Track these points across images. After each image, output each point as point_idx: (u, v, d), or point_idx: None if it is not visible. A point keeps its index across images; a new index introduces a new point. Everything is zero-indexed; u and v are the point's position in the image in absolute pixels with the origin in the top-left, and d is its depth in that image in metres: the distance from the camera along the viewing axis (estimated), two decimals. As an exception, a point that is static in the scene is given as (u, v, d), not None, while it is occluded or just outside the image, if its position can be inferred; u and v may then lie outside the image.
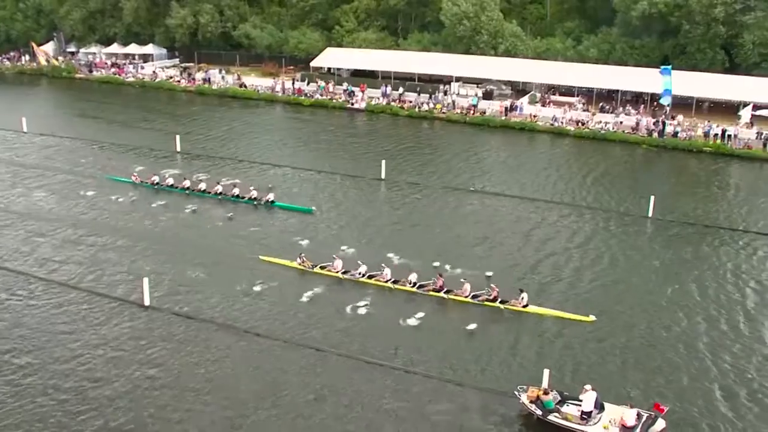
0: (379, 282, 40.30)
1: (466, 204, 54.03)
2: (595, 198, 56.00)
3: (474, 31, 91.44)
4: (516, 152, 70.64)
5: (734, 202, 57.13)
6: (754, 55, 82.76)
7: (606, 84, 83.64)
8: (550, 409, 28.66)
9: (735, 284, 41.72)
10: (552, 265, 43.53)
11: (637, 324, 36.57)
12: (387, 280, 40.29)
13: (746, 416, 29.51)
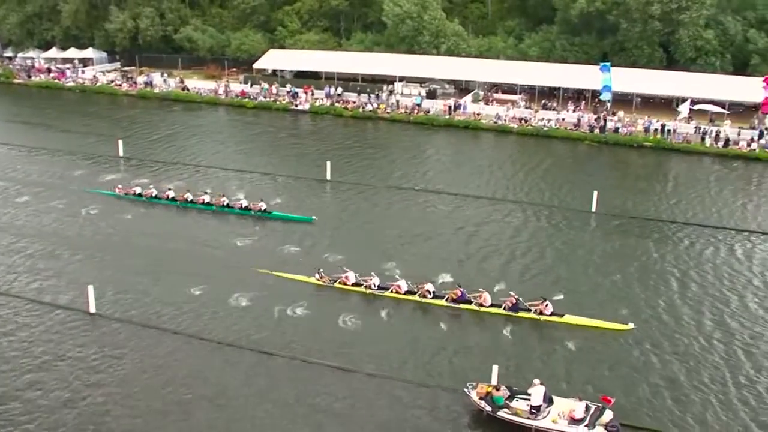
0: (396, 294, 39.05)
1: (411, 203, 54.11)
2: (540, 194, 56.61)
3: (416, 31, 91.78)
4: (460, 151, 71.09)
5: (674, 195, 58.12)
6: (690, 51, 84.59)
7: (547, 81, 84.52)
8: (500, 405, 28.87)
9: (674, 275, 42.70)
10: (497, 261, 44.04)
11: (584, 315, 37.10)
12: (404, 292, 39.05)
13: (668, 400, 30.53)
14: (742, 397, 30.91)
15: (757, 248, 47.33)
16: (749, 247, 47.38)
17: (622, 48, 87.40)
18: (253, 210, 50.54)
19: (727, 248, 47.03)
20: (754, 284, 41.82)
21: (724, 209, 54.62)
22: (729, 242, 48.11)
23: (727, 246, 47.43)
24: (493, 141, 73.77)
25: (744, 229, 50.54)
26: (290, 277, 41.05)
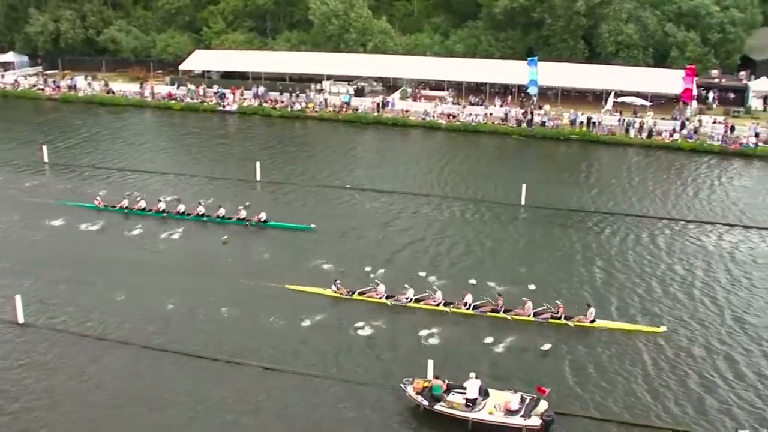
0: (430, 305, 38.21)
1: (342, 201, 54.26)
2: (469, 189, 57.20)
3: (343, 29, 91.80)
4: (390, 148, 71.47)
5: (601, 186, 59.30)
6: (612, 45, 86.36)
7: (474, 77, 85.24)
8: (437, 396, 29.12)
9: (598, 263, 43.93)
10: (426, 255, 44.64)
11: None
12: (438, 303, 38.21)
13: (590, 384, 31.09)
14: (662, 381, 31.93)
15: (678, 235, 48.74)
16: (670, 234, 48.83)
17: (547, 43, 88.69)
18: (253, 221, 49.02)
19: (650, 236, 48.37)
20: (674, 270, 43.15)
21: (647, 199, 56.15)
22: (652, 230, 49.46)
23: (650, 234, 48.78)
24: (422, 137, 74.23)
25: (667, 217, 52.07)
26: (304, 289, 40.08)
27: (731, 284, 41.50)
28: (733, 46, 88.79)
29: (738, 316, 37.71)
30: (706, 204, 55.26)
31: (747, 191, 58.68)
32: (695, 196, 57.29)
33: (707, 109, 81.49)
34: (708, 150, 69.00)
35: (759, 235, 49.17)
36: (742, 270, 43.37)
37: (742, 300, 39.62)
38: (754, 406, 30.14)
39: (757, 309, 38.63)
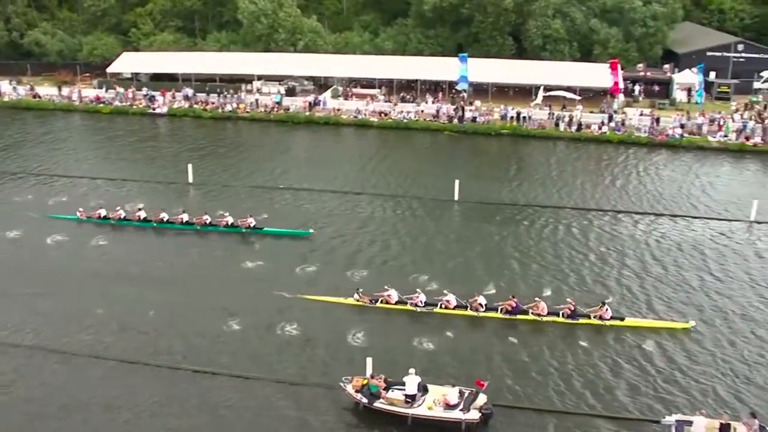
0: (446, 310, 37.74)
1: (275, 201, 53.99)
2: (403, 186, 57.52)
3: (272, 29, 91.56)
4: (322, 147, 71.39)
5: (532, 179, 60.23)
6: (539, 40, 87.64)
7: (405, 74, 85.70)
8: (375, 393, 29.28)
9: (528, 255, 44.81)
10: (363, 253, 44.72)
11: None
12: (454, 307, 37.77)
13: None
14: (591, 368, 32.55)
15: (608, 225, 49.90)
16: (600, 225, 50.08)
17: (476, 39, 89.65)
18: (242, 227, 47.85)
19: (582, 227, 49.39)
20: (606, 259, 44.16)
21: (577, 191, 57.36)
22: (583, 221, 50.63)
23: (582, 225, 49.83)
24: (354, 135, 74.43)
25: (596, 209, 53.30)
26: (322, 299, 39.12)
27: (662, 269, 42.82)
28: (655, 40, 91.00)
29: (664, 300, 39.14)
30: (634, 194, 56.62)
31: (673, 181, 60.29)
32: (624, 187, 58.55)
33: (634, 101, 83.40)
34: (635, 141, 70.71)
35: (685, 222, 50.82)
36: (671, 257, 44.69)
37: (667, 285, 40.96)
38: (675, 393, 31.09)
39: (674, 288, 40.47)
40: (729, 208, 53.75)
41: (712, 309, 38.10)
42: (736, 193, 57.04)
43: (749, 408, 29.11)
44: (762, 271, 43.07)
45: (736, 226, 50.41)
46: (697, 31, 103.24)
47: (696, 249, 46.02)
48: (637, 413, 29.62)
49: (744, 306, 38.59)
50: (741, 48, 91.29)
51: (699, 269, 43.17)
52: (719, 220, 51.33)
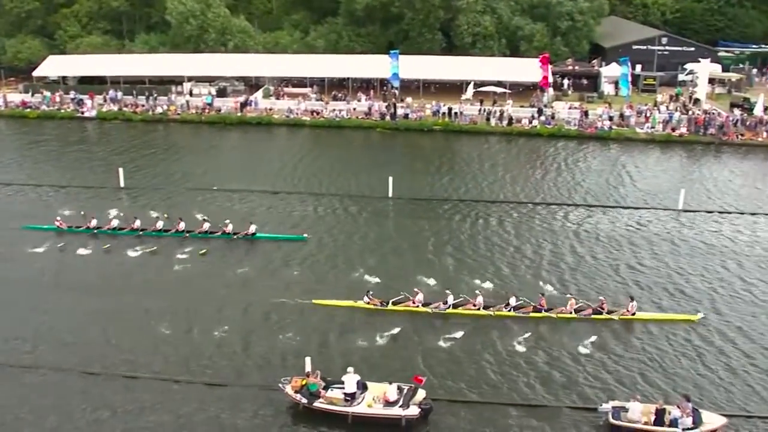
0: (471, 311, 37.35)
1: (210, 203, 53.35)
2: (337, 184, 57.55)
3: (202, 29, 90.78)
4: (255, 147, 71.15)
5: (465, 174, 60.84)
6: (469, 36, 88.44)
7: (337, 73, 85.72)
8: (314, 393, 29.24)
9: (462, 249, 45.23)
10: (298, 253, 44.47)
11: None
12: (481, 307, 37.45)
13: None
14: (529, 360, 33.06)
15: (540, 218, 50.78)
16: (532, 217, 50.91)
17: (407, 36, 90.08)
18: (239, 234, 46.67)
19: (514, 220, 50.23)
20: (539, 251, 44.78)
21: (510, 184, 58.28)
22: (514, 214, 51.44)
23: (514, 218, 50.65)
24: (287, 135, 74.25)
25: (529, 201, 54.15)
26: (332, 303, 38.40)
27: (592, 259, 43.70)
28: (582, 34, 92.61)
29: (581, 288, 40.11)
30: (565, 187, 57.72)
31: (603, 173, 61.65)
32: (556, 180, 59.59)
33: (563, 95, 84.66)
34: (566, 135, 72.04)
35: (616, 212, 51.99)
36: (601, 246, 45.74)
37: (585, 273, 42.12)
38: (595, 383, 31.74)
39: (590, 275, 41.66)
40: (657, 197, 55.15)
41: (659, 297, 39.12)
42: (663, 183, 58.66)
43: (684, 392, 29.81)
44: (689, 258, 44.28)
45: (665, 214, 51.65)
46: (623, 25, 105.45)
47: (626, 239, 47.08)
48: (575, 401, 30.17)
49: (673, 293, 39.62)
50: (665, 41, 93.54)
51: (629, 258, 44.21)
52: (648, 209, 52.57)
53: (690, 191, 55.10)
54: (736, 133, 71.88)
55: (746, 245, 46.31)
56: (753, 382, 31.49)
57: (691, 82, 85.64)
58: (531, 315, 37.09)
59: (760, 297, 39.27)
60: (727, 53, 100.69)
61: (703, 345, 34.41)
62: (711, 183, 59.41)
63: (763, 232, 48.84)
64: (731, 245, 46.26)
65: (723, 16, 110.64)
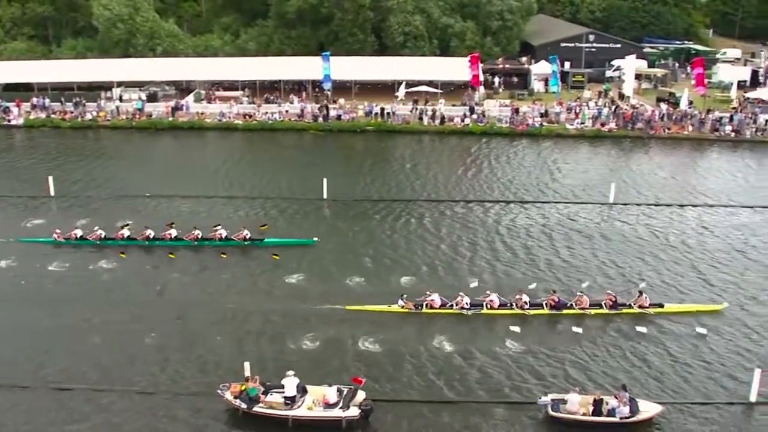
0: (491, 310, 37.53)
1: (144, 210, 52.54)
2: (271, 187, 57.25)
3: (130, 34, 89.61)
4: (188, 152, 70.37)
5: (399, 174, 61.19)
6: (400, 36, 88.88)
7: (268, 75, 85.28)
8: (253, 398, 29.13)
9: (398, 247, 45.62)
10: (230, 257, 44.28)
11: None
12: (499, 305, 37.68)
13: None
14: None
15: (473, 214, 51.50)
16: (465, 214, 51.49)
17: (337, 37, 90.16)
18: (237, 239, 45.86)
19: (449, 218, 50.77)
20: (476, 248, 45.26)
21: (444, 183, 58.82)
22: (448, 212, 52.03)
23: (449, 216, 51.19)
24: (220, 139, 73.56)
25: (463, 199, 54.65)
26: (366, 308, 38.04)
27: (526, 253, 44.33)
28: (511, 33, 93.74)
29: (512, 282, 40.69)
30: (499, 184, 58.56)
31: (535, 169, 62.65)
32: (490, 177, 60.49)
33: (494, 93, 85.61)
34: (498, 132, 73.00)
35: (549, 207, 52.99)
36: (535, 240, 46.44)
37: (518, 267, 42.98)
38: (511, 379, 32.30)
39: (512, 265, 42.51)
40: (589, 191, 56.28)
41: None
42: (594, 178, 59.91)
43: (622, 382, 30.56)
44: (623, 248, 45.60)
45: (597, 208, 52.79)
46: (551, 23, 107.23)
47: (558, 232, 48.07)
48: (516, 396, 30.60)
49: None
50: (592, 38, 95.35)
51: (563, 249, 45.30)
52: (580, 204, 53.61)
53: (620, 184, 56.24)
54: (662, 126, 73.61)
55: (673, 236, 47.80)
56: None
57: (619, 78, 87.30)
58: (546, 312, 37.61)
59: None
60: (652, 49, 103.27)
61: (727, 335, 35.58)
62: (640, 176, 60.85)
63: (691, 222, 50.51)
64: (661, 236, 47.68)
65: (647, 13, 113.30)
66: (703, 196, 56.27)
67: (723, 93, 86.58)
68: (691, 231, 48.67)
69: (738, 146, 71.24)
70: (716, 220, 50.85)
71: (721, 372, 32.36)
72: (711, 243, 46.71)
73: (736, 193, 57.27)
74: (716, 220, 51.02)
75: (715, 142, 72.04)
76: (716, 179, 61.01)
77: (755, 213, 52.77)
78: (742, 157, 68.14)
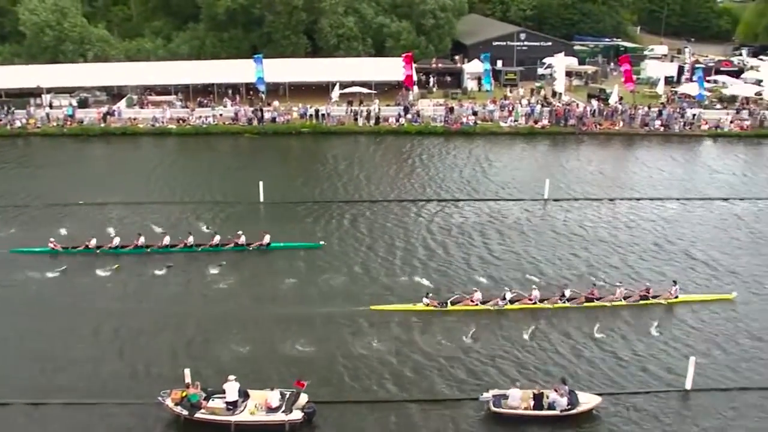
0: (527, 305, 38.43)
1: (77, 217, 51.49)
2: (207, 192, 56.73)
3: (59, 40, 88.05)
4: (121, 158, 69.20)
5: (335, 175, 61.26)
6: (333, 38, 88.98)
7: (201, 79, 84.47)
8: (195, 404, 28.96)
9: (331, 248, 45.64)
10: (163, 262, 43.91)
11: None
12: (538, 300, 38.69)
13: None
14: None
15: (407, 214, 52.01)
16: (402, 214, 51.94)
17: (270, 40, 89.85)
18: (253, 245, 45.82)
19: (384, 218, 51.21)
20: (409, 247, 45.73)
21: (381, 183, 59.08)
22: (384, 212, 52.41)
23: (386, 216, 51.59)
24: (153, 144, 72.66)
25: (399, 199, 55.06)
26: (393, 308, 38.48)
27: (462, 252, 44.79)
28: (444, 32, 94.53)
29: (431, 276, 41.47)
30: (436, 183, 59.11)
31: (470, 167, 63.38)
32: (426, 176, 61.07)
33: (428, 93, 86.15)
34: (432, 131, 73.62)
35: (484, 204, 53.62)
36: (477, 239, 47.03)
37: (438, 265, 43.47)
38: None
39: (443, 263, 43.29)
40: (524, 188, 57.24)
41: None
42: (529, 174, 60.65)
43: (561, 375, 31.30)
44: (555, 243, 46.75)
45: (532, 204, 53.69)
46: (483, 23, 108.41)
47: (492, 229, 48.91)
48: (457, 394, 31.00)
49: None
50: (523, 37, 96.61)
51: (496, 246, 46.09)
52: (516, 201, 54.51)
53: (554, 181, 57.15)
54: (594, 122, 74.95)
55: (603, 229, 49.23)
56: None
57: (550, 76, 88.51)
58: (584, 305, 38.52)
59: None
60: (582, 47, 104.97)
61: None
62: (573, 172, 62.10)
63: (620, 216, 51.92)
64: (591, 230, 48.95)
65: (576, 11, 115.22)
66: (631, 190, 58.01)
67: (651, 89, 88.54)
68: (621, 224, 50.09)
69: (667, 140, 73.13)
70: (644, 213, 52.33)
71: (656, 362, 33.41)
72: (639, 235, 48.24)
73: (664, 186, 59.02)
74: (644, 213, 52.53)
75: (645, 137, 73.76)
76: (645, 173, 62.66)
77: (681, 205, 54.64)
78: (671, 151, 70.05)
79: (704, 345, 34.76)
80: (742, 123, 76.43)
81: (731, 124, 76.21)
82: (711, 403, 30.58)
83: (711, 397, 30.96)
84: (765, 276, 42.29)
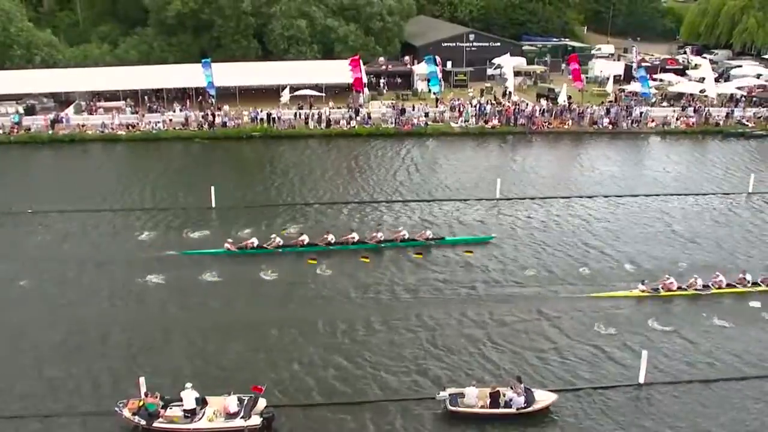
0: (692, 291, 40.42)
1: (27, 228, 50.74)
2: (159, 198, 56.25)
3: (5, 45, 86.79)
4: (70, 165, 68.24)
5: (287, 178, 61.27)
6: (283, 41, 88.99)
7: (150, 84, 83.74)
8: (153, 413, 28.79)
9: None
10: (117, 270, 43.45)
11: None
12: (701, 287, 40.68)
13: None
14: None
15: (357, 216, 52.26)
16: (352, 217, 52.18)
17: (219, 44, 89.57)
18: (420, 239, 46.38)
19: (335, 221, 51.11)
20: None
21: (333, 185, 59.31)
22: (334, 215, 52.57)
23: (334, 218, 51.73)
24: (102, 151, 71.68)
25: (352, 201, 55.39)
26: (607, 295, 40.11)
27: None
28: (392, 34, 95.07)
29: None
30: (387, 184, 59.45)
31: (423, 168, 64.05)
32: (380, 177, 61.29)
33: (378, 94, 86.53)
34: (384, 133, 74.14)
35: (437, 205, 54.22)
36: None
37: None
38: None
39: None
40: (477, 188, 57.65)
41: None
42: (480, 174, 61.21)
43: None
44: (509, 240, 47.18)
45: (484, 204, 54.32)
46: (432, 24, 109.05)
47: (444, 229, 49.19)
48: (413, 393, 31.22)
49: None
50: (472, 38, 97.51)
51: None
52: (468, 201, 55.10)
53: (504, 179, 57.77)
54: (544, 122, 75.86)
55: (555, 226, 49.97)
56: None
57: (500, 76, 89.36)
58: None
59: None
60: (530, 47, 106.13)
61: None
62: (524, 171, 62.99)
63: (573, 213, 52.84)
64: (542, 227, 49.71)
65: (524, 11, 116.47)
66: (577, 187, 58.97)
67: (600, 87, 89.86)
68: (576, 221, 50.97)
69: (615, 138, 74.34)
70: (594, 211, 53.20)
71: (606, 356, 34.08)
72: (592, 231, 49.13)
73: (612, 183, 60.08)
74: (594, 210, 53.42)
75: (593, 135, 74.88)
76: (594, 171, 63.73)
77: (631, 200, 55.70)
78: (618, 148, 71.46)
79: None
80: (688, 120, 77.96)
81: (677, 121, 77.66)
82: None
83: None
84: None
